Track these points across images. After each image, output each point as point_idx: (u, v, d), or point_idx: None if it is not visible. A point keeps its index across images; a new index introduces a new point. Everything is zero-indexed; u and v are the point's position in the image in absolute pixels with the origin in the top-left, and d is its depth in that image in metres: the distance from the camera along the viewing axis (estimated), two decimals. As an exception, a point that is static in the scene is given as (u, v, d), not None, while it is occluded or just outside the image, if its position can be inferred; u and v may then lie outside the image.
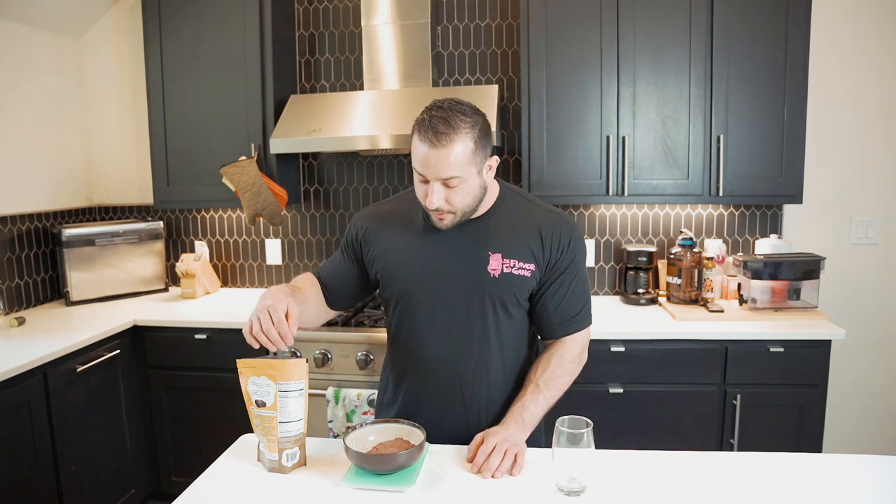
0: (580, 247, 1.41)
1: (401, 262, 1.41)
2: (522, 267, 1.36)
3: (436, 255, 1.39)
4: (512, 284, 1.37)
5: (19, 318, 2.49)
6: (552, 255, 1.38)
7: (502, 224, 1.39)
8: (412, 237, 1.42)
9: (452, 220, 1.33)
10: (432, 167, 1.25)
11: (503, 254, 1.36)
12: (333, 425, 2.31)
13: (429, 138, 1.23)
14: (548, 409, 1.39)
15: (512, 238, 1.38)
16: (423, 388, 1.44)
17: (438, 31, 2.87)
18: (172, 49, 2.76)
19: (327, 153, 3.03)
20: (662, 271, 2.78)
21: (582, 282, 1.43)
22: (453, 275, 1.37)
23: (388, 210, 1.50)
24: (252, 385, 1.26)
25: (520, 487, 1.19)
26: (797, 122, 2.44)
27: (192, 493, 1.20)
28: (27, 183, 2.82)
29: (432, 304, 1.39)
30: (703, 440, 2.32)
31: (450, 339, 1.39)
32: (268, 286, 3.16)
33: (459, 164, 1.25)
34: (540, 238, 1.38)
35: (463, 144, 1.24)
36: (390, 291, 1.44)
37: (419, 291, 1.40)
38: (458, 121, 1.24)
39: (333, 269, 1.53)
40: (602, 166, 2.53)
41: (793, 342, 2.25)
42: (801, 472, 1.24)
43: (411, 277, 1.40)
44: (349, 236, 1.51)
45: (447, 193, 1.28)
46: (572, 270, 1.40)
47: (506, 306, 1.38)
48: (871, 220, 2.78)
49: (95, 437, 2.38)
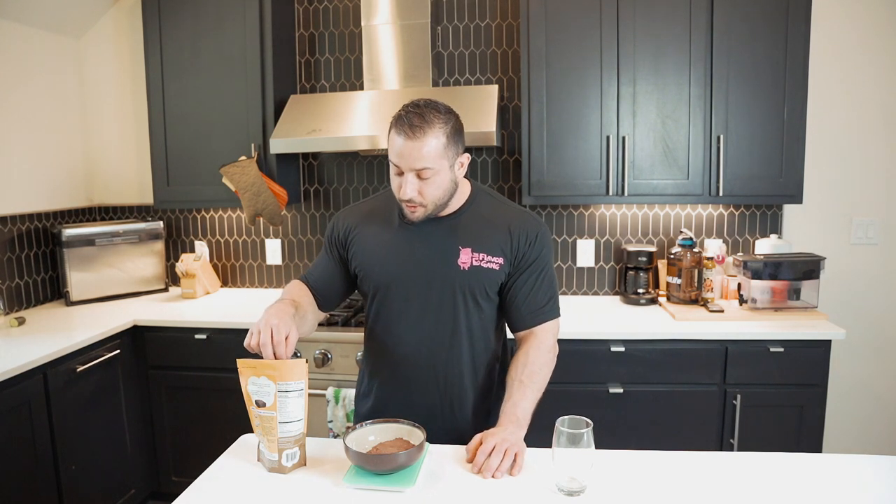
0: (547, 242, 1.49)
1: (377, 257, 1.48)
2: (491, 260, 1.43)
3: (410, 251, 1.45)
4: (481, 277, 1.43)
5: (19, 318, 2.49)
6: (520, 249, 1.45)
7: (473, 221, 1.46)
8: (389, 234, 1.48)
9: (424, 212, 1.40)
10: (406, 158, 1.32)
11: (472, 248, 1.43)
12: (333, 425, 2.31)
13: (404, 131, 1.32)
14: (536, 403, 1.41)
15: (482, 234, 1.45)
16: (398, 378, 1.49)
17: (438, 31, 2.87)
18: (172, 49, 2.76)
19: (327, 153, 3.03)
20: (662, 271, 2.78)
21: (549, 277, 1.49)
22: (426, 268, 1.44)
23: (368, 208, 1.56)
24: (252, 385, 1.26)
25: (520, 487, 1.19)
26: (797, 122, 2.44)
27: (192, 493, 1.20)
28: (27, 183, 2.82)
29: (406, 297, 1.45)
30: (703, 440, 2.32)
31: (423, 329, 1.45)
32: (268, 286, 3.16)
33: (432, 157, 1.32)
34: (509, 233, 1.45)
35: (436, 138, 1.32)
36: (367, 286, 1.50)
37: (394, 285, 1.46)
38: (433, 116, 1.33)
39: (321, 273, 1.57)
40: (602, 166, 2.53)
41: (793, 342, 2.25)
42: (801, 472, 1.24)
43: (386, 271, 1.46)
44: (333, 234, 1.56)
45: (420, 185, 1.35)
46: (539, 264, 1.46)
47: (475, 298, 1.45)
48: (871, 220, 2.78)
49: (95, 437, 2.38)
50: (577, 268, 2.93)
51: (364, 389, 1.60)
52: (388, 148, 1.37)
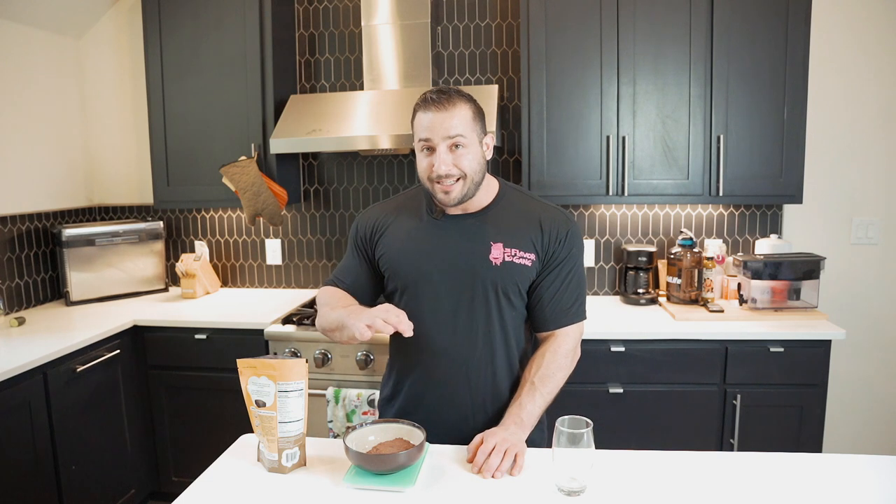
0: (577, 241, 1.45)
1: (405, 254, 1.44)
2: (523, 256, 1.40)
3: (439, 247, 1.42)
4: (513, 273, 1.40)
5: (19, 318, 2.49)
6: (550, 246, 1.42)
7: (503, 216, 1.44)
8: (416, 231, 1.45)
9: (461, 189, 1.36)
10: (437, 128, 1.32)
11: (504, 243, 1.40)
12: (333, 425, 2.31)
13: (432, 105, 1.33)
14: (545, 407, 1.40)
15: (513, 229, 1.42)
16: (429, 378, 1.45)
17: (438, 31, 2.87)
18: (172, 49, 2.76)
19: (327, 153, 3.03)
20: (662, 271, 2.78)
21: (578, 277, 1.45)
22: (456, 265, 1.40)
23: (393, 206, 1.54)
24: (252, 385, 1.26)
25: (520, 487, 1.19)
26: (797, 122, 2.44)
27: (192, 493, 1.20)
28: (27, 183, 2.82)
29: (436, 295, 1.42)
30: (703, 440, 2.32)
31: (455, 328, 1.41)
32: (268, 286, 3.16)
33: (463, 124, 1.33)
34: (540, 229, 1.42)
35: (464, 108, 1.34)
36: (395, 284, 1.47)
37: (423, 282, 1.42)
38: (456, 95, 1.35)
39: (355, 277, 1.54)
40: (602, 166, 2.53)
41: (793, 342, 2.25)
42: (801, 472, 1.24)
43: (415, 269, 1.43)
44: (358, 235, 1.54)
45: (454, 158, 1.33)
46: (569, 263, 1.43)
47: (508, 295, 1.41)
48: (871, 220, 2.78)
49: (95, 437, 2.38)
50: (577, 268, 2.93)
51: (389, 392, 1.55)
52: (415, 131, 1.37)
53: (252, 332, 2.50)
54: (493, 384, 1.43)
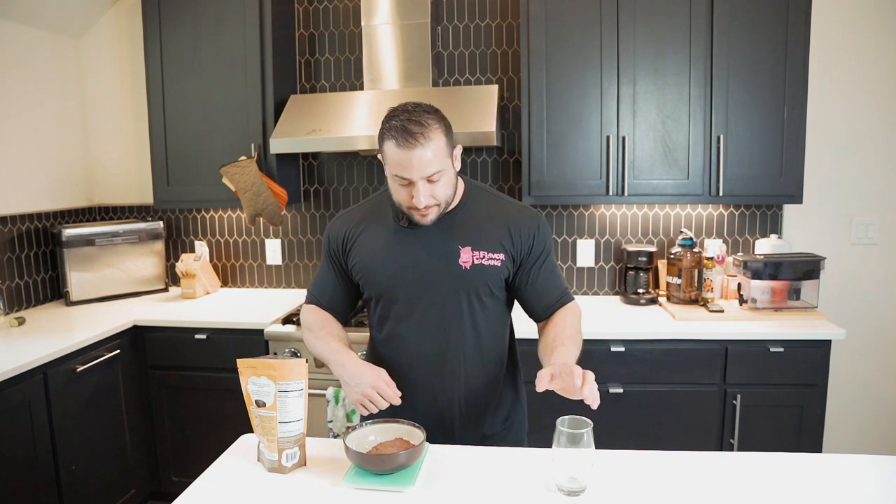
0: (547, 232, 1.50)
1: (376, 262, 1.45)
2: (493, 257, 1.42)
3: (409, 253, 1.43)
4: (483, 275, 1.42)
5: (19, 318, 2.49)
6: (524, 245, 1.45)
7: (470, 218, 1.45)
8: (385, 238, 1.46)
9: (437, 212, 1.38)
10: (416, 168, 1.29)
11: (472, 246, 1.42)
12: (333, 425, 2.31)
13: (407, 141, 1.27)
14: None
15: (480, 230, 1.44)
16: (407, 382, 1.45)
17: (438, 31, 2.87)
18: (172, 49, 2.76)
19: (327, 153, 3.03)
20: (662, 271, 2.78)
21: (555, 264, 1.53)
22: (427, 270, 1.42)
23: (360, 214, 1.53)
24: (252, 385, 1.26)
25: (520, 487, 1.19)
26: (797, 122, 2.44)
27: (192, 494, 1.20)
28: (27, 183, 2.82)
29: (409, 301, 1.44)
30: (703, 440, 2.32)
31: (428, 331, 1.44)
32: (268, 286, 3.16)
33: (439, 158, 1.31)
34: (508, 229, 1.44)
35: (438, 139, 1.30)
36: (369, 292, 1.50)
37: (395, 289, 1.44)
38: (427, 119, 1.30)
39: (331, 293, 1.55)
40: (602, 166, 2.53)
41: (793, 342, 2.25)
42: (801, 472, 1.24)
43: (387, 277, 1.44)
44: (330, 246, 1.53)
45: (431, 189, 1.33)
46: (545, 254, 1.48)
47: (480, 296, 1.44)
48: (871, 220, 2.78)
49: (95, 437, 2.38)
50: (577, 268, 2.93)
51: None
52: (386, 161, 1.32)
53: (252, 332, 2.50)
54: (465, 385, 1.46)
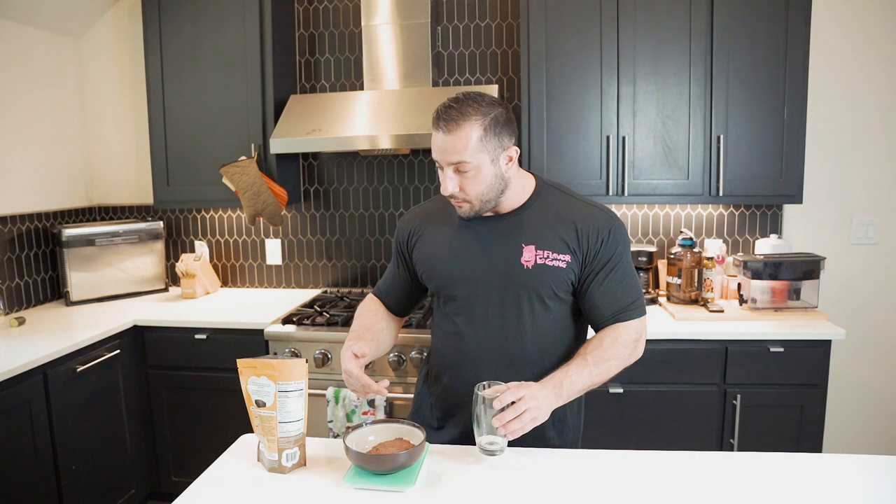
0: (622, 237, 1.40)
1: (439, 257, 1.45)
2: (557, 258, 1.36)
3: (471, 250, 1.42)
4: (546, 275, 1.36)
5: (19, 318, 2.49)
6: (591, 247, 1.37)
7: (536, 217, 1.40)
8: (449, 234, 1.46)
9: (470, 209, 1.36)
10: (442, 152, 1.31)
11: (536, 245, 1.37)
12: (333, 425, 2.31)
13: (439, 125, 1.30)
14: (590, 387, 1.34)
15: (545, 230, 1.38)
16: (462, 382, 1.42)
17: (438, 31, 2.87)
18: (172, 49, 2.76)
19: (327, 153, 3.03)
20: (662, 271, 2.78)
21: (629, 273, 1.41)
22: (487, 268, 1.39)
23: (429, 209, 1.55)
24: (252, 385, 1.26)
25: (520, 487, 1.19)
26: (797, 122, 2.44)
27: (192, 493, 1.20)
28: (27, 183, 2.82)
29: (467, 298, 1.42)
30: (703, 440, 2.32)
31: (486, 333, 1.41)
32: (268, 286, 3.16)
33: (468, 150, 1.29)
34: (575, 229, 1.37)
35: (471, 131, 1.28)
36: (432, 287, 1.50)
37: (456, 286, 1.43)
38: (470, 109, 1.29)
39: (390, 284, 1.61)
40: (602, 166, 2.53)
41: (793, 342, 2.25)
42: (801, 472, 1.24)
43: (448, 272, 1.43)
44: (398, 241, 1.56)
45: (460, 180, 1.32)
46: (615, 261, 1.38)
47: (542, 298, 1.38)
48: (871, 220, 2.78)
49: (95, 437, 2.38)
50: (577, 268, 2.93)
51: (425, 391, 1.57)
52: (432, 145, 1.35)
53: (252, 332, 2.50)
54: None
